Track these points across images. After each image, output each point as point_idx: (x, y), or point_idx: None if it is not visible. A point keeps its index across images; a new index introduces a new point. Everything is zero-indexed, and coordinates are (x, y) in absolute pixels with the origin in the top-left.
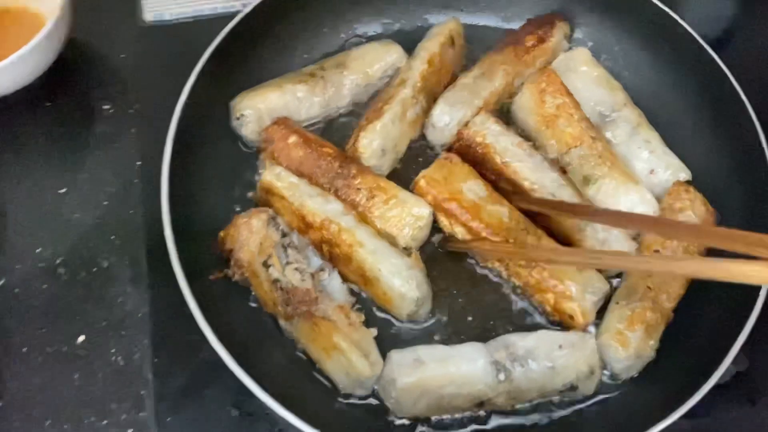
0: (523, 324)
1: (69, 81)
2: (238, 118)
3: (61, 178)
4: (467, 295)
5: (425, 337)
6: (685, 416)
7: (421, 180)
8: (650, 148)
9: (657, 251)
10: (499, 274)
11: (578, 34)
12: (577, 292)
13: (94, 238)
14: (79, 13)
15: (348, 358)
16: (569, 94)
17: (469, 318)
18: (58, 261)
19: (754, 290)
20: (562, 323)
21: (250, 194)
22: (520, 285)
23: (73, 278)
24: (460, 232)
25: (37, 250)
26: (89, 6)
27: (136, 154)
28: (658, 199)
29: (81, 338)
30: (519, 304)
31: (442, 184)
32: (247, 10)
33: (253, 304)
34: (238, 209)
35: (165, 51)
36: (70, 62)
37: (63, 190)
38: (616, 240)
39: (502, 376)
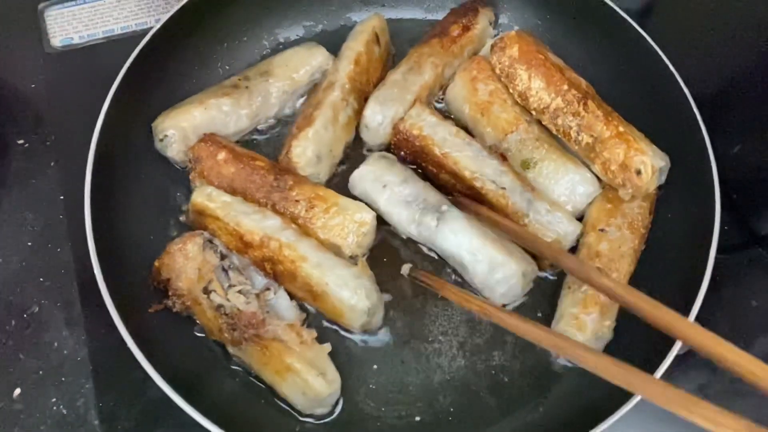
0: None
1: None
2: (161, 140)
3: None
4: (420, 295)
5: (382, 346)
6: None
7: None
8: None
9: (602, 230)
10: (567, 131)
11: (503, 19)
12: (649, 150)
13: (21, 283)
14: None
15: (303, 378)
16: (500, 79)
17: (426, 318)
18: None
19: (703, 259)
20: (620, 183)
21: (182, 218)
22: (590, 140)
23: (2, 328)
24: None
25: None
26: None
27: (58, 188)
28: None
29: (17, 391)
30: None
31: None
32: (159, 25)
33: (200, 334)
34: (174, 234)
35: (78, 76)
36: None
37: None
38: (559, 221)
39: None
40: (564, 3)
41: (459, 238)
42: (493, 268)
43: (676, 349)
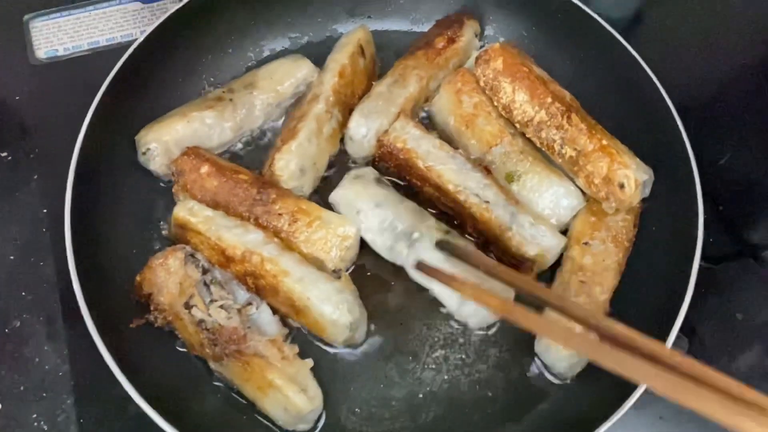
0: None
1: None
2: (144, 153)
3: None
4: (403, 309)
5: (365, 360)
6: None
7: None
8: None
9: (586, 243)
10: (551, 144)
11: (489, 31)
12: (633, 164)
13: (2, 297)
14: None
15: (285, 394)
16: (485, 92)
17: (409, 333)
18: None
19: (687, 272)
20: (603, 196)
21: (165, 232)
22: (573, 154)
23: None
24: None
25: None
26: None
27: (41, 201)
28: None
29: None
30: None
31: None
32: (143, 37)
33: (182, 349)
34: (157, 248)
35: (62, 88)
36: None
37: None
38: (543, 235)
39: None
40: (549, 15)
41: None
42: (462, 302)
43: None
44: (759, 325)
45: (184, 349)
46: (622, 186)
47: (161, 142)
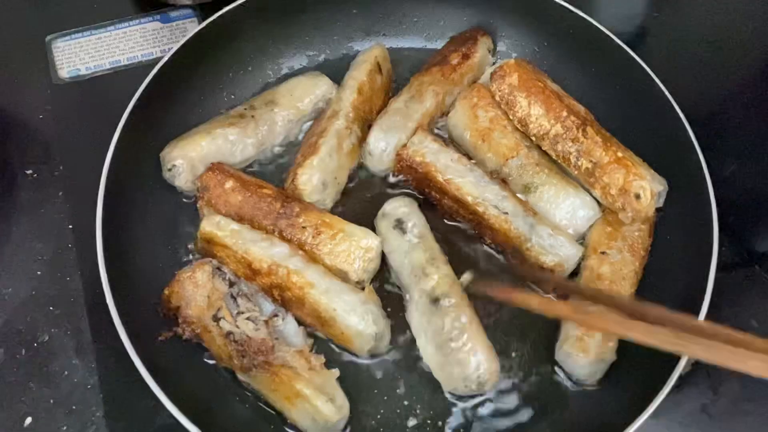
0: (488, 331)
1: None
2: (169, 169)
3: None
4: None
5: (389, 368)
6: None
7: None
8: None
9: (604, 253)
10: (567, 156)
11: (501, 47)
12: (648, 175)
13: (30, 312)
14: None
15: (313, 404)
16: (500, 106)
17: None
18: None
19: (703, 279)
20: (619, 207)
21: (191, 246)
22: (589, 166)
23: (12, 357)
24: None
25: None
26: None
27: (66, 217)
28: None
29: (28, 420)
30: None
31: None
32: (167, 56)
33: (210, 361)
34: (183, 261)
35: (85, 106)
36: None
37: None
38: (561, 245)
39: None
40: (560, 30)
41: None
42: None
43: (680, 368)
44: None
45: (212, 361)
46: (638, 196)
47: (187, 158)
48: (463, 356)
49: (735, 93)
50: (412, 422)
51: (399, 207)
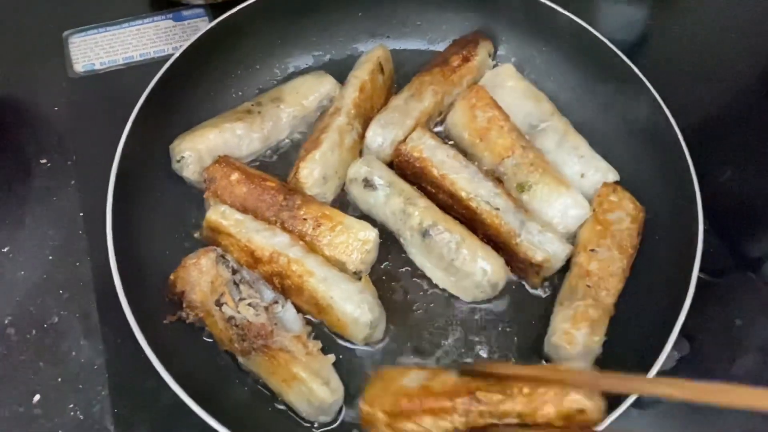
0: (475, 326)
1: (2, 138)
2: (178, 161)
3: (2, 236)
4: (420, 310)
5: (383, 357)
6: (635, 404)
7: (364, 405)
8: (579, 153)
9: (593, 250)
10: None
11: (501, 51)
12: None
13: (42, 295)
14: (7, 68)
15: (309, 387)
16: (498, 107)
17: (425, 331)
18: (6, 321)
19: (687, 278)
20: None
21: (196, 234)
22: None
23: (24, 337)
24: (428, 422)
25: None
26: (16, 61)
27: (77, 205)
28: (589, 201)
29: (37, 397)
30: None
31: (383, 393)
32: (179, 53)
33: (209, 339)
34: (187, 249)
35: (98, 100)
36: (2, 119)
37: (5, 249)
38: (550, 242)
39: None
40: (558, 37)
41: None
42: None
43: (659, 363)
44: (757, 331)
45: (211, 340)
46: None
47: (195, 151)
48: (468, 269)
49: (729, 100)
50: None
51: (360, 168)
